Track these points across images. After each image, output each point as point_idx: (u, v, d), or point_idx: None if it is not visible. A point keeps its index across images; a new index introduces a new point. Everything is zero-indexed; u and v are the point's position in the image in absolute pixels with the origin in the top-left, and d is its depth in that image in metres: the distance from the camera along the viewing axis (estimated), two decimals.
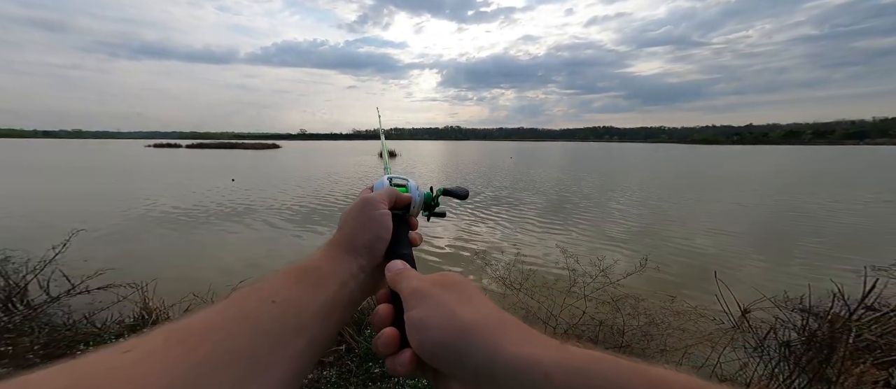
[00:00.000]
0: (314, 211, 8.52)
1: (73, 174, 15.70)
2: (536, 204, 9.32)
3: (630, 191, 11.76)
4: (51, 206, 8.38)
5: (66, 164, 20.50)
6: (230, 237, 6.32)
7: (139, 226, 6.82)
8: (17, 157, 24.18)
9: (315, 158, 30.58)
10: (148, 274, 3.45)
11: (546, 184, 13.56)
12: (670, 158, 35.19)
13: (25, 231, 6.05)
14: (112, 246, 5.47)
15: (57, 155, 29.13)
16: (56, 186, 11.84)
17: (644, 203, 9.61)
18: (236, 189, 11.79)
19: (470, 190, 0.50)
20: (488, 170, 19.50)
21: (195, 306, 2.83)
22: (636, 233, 6.62)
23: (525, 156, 36.68)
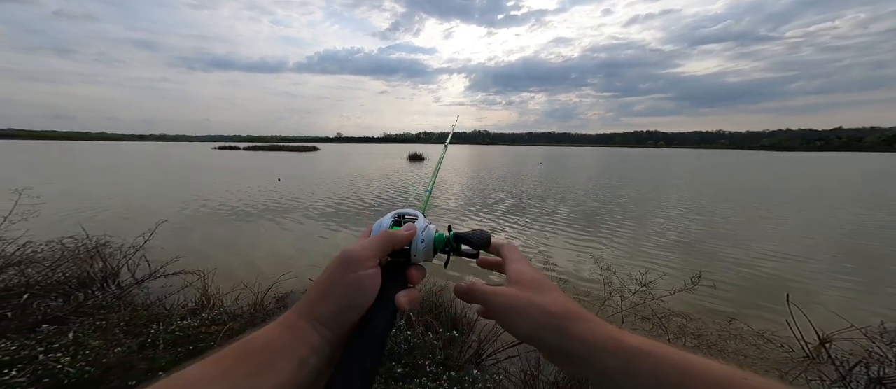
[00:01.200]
0: (348, 209, 8.97)
1: (158, 172, 18.41)
2: (567, 213, 8.77)
3: (678, 202, 10.54)
4: (137, 199, 9.86)
5: (152, 163, 24.18)
6: (276, 231, 6.87)
7: (204, 219, 7.72)
8: (118, 159, 29.03)
9: (350, 160, 32.33)
10: (208, 264, 3.88)
11: (578, 192, 12.72)
12: (729, 166, 30.67)
13: (118, 220, 7.16)
14: (181, 237, 6.23)
15: (147, 153, 34.69)
16: (143, 182, 13.96)
17: (696, 216, 8.54)
18: (282, 187, 12.85)
19: (487, 232, 0.39)
20: (513, 176, 18.95)
21: (243, 295, 3.09)
22: (684, 249, 5.91)
23: (555, 162, 34.61)
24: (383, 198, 10.88)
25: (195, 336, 2.06)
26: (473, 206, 9.60)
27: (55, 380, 1.38)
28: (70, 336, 1.80)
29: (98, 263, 3.43)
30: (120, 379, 1.50)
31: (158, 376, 1.00)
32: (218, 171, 19.53)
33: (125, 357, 1.67)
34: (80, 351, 1.62)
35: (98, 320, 2.11)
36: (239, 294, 3.09)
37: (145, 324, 2.14)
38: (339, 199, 10.50)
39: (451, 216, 8.39)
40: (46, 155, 35.08)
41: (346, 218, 7.97)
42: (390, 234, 0.34)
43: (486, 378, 1.97)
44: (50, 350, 1.59)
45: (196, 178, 16.04)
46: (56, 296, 2.63)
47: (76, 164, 22.96)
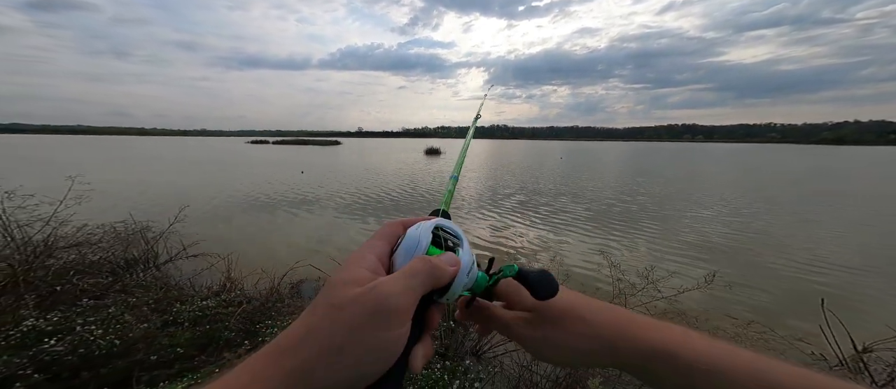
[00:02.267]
0: (366, 202, 9.19)
1: (198, 164, 19.90)
2: (584, 208, 8.41)
3: (709, 201, 9.67)
4: (176, 188, 10.70)
5: (194, 156, 26.20)
6: (297, 220, 7.19)
7: (235, 207, 8.23)
8: (166, 152, 31.70)
9: (369, 155, 33.04)
10: (234, 249, 4.12)
11: (597, 188, 12.12)
12: (780, 163, 27.07)
13: (160, 206, 7.82)
14: (214, 223, 6.68)
15: (190, 147, 37.92)
16: (183, 173, 15.15)
17: (727, 215, 7.84)
18: (305, 180, 13.40)
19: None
20: (529, 172, 18.38)
21: (262, 280, 3.24)
22: (704, 250, 5.46)
23: (578, 157, 32.79)
24: (399, 193, 11.00)
25: (213, 316, 2.18)
26: (481, 202, 9.44)
27: (88, 351, 1.52)
28: (111, 310, 1.98)
29: (141, 246, 3.76)
30: (144, 353, 1.62)
31: (177, 352, 1.02)
32: (251, 164, 20.72)
33: (149, 332, 1.81)
34: (112, 325, 1.77)
35: (132, 297, 2.31)
36: (258, 279, 3.25)
37: (171, 303, 2.31)
38: (357, 192, 10.77)
39: (457, 213, 8.31)
40: (109, 148, 39.09)
41: (364, 211, 8.16)
42: (435, 268, 0.23)
43: (479, 369, 1.94)
44: (87, 323, 1.75)
45: (232, 170, 17.14)
46: (106, 275, 2.92)
47: (137, 157, 25.35)
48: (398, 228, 0.27)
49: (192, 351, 1.72)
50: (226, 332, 1.98)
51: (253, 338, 1.90)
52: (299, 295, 3.29)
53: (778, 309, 3.41)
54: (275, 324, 2.02)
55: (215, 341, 1.90)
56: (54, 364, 1.40)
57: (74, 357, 1.46)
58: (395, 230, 0.27)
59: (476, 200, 9.65)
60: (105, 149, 39.61)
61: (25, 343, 1.51)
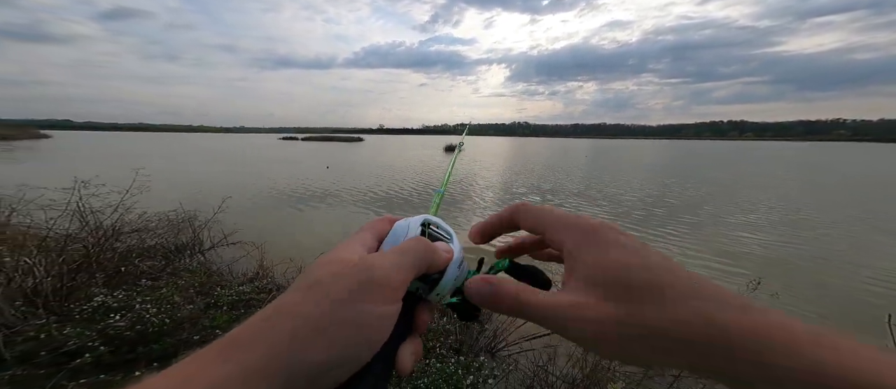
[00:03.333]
0: (386, 196, 9.42)
1: (238, 159, 21.49)
2: (611, 210, 7.98)
3: (753, 204, 8.74)
4: (219, 180, 11.62)
5: (232, 152, 28.36)
6: (322, 213, 7.54)
7: (267, 199, 8.80)
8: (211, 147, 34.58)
9: (390, 151, 33.72)
10: (266, 238, 4.40)
11: (628, 188, 11.35)
12: (852, 164, 22.85)
13: (206, 196, 8.53)
14: (249, 214, 7.18)
15: (230, 143, 41.34)
16: (224, 167, 16.42)
17: (779, 222, 7.01)
18: (330, 175, 13.98)
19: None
20: (549, 171, 17.70)
21: (289, 269, 3.43)
22: (757, 260, 4.92)
23: (605, 156, 30.28)
24: (416, 187, 11.13)
25: (248, 301, 2.34)
26: (488, 206, 9.24)
27: (144, 328, 1.70)
28: (163, 291, 2.20)
29: (188, 233, 4.13)
30: (188, 332, 1.78)
31: (216, 334, 1.09)
32: (284, 160, 21.98)
33: (194, 314, 1.98)
34: (164, 305, 1.96)
35: (181, 280, 2.55)
36: (287, 268, 3.45)
37: (213, 287, 2.51)
38: (378, 187, 11.06)
39: (461, 213, 8.21)
40: (163, 144, 43.38)
41: (384, 204, 8.37)
42: (429, 248, 0.22)
43: (493, 366, 1.92)
44: (144, 302, 1.96)
45: (265, 165, 18.31)
46: (160, 258, 3.24)
47: (186, 152, 27.92)
48: (386, 224, 0.25)
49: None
50: None
51: None
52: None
53: (832, 324, 3.02)
54: None
55: None
56: (116, 339, 1.57)
57: (132, 332, 1.64)
58: (383, 225, 0.25)
59: (482, 199, 9.50)
60: (160, 144, 43.96)
61: (95, 318, 1.71)
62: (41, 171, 12.41)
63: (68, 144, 34.92)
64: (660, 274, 0.17)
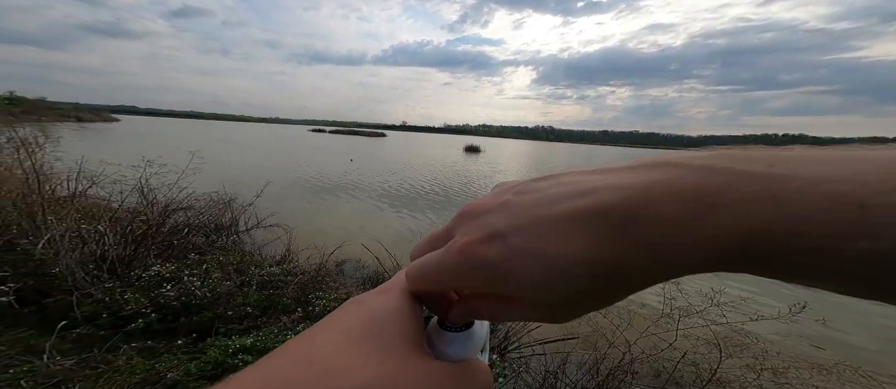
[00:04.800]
0: (406, 191, 9.57)
1: (273, 147, 22.91)
2: None
3: None
4: (254, 166, 12.44)
5: (269, 140, 30.27)
6: (344, 203, 7.82)
7: (295, 186, 9.29)
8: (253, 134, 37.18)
9: (411, 148, 34.18)
10: (293, 223, 4.64)
11: None
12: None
13: (242, 181, 9.17)
14: (278, 199, 7.60)
15: (267, 133, 44.49)
16: (262, 153, 17.57)
17: None
18: (354, 167, 14.46)
19: None
20: None
21: (313, 255, 3.58)
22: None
23: None
24: (435, 188, 11.18)
25: (276, 283, 2.48)
26: None
27: (189, 299, 1.85)
28: (205, 266, 2.39)
29: (228, 214, 4.46)
30: (224, 307, 1.91)
31: (247, 311, 1.15)
32: (312, 150, 23.09)
33: (230, 290, 2.12)
34: (206, 279, 2.13)
35: (221, 257, 2.76)
36: (310, 254, 3.61)
37: (247, 266, 2.69)
38: (400, 181, 11.27)
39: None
40: (212, 130, 47.22)
41: (404, 199, 8.51)
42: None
43: (504, 366, 1.87)
44: (191, 275, 2.13)
45: (297, 154, 19.34)
46: (205, 234, 3.53)
47: (231, 138, 30.26)
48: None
49: (257, 312, 1.97)
50: (284, 299, 2.22)
51: (305, 307, 2.10)
52: (343, 273, 3.56)
53: (882, 357, 2.60)
54: (324, 295, 2.20)
55: (275, 305, 2.15)
56: (165, 307, 1.73)
57: (179, 303, 1.79)
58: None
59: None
60: (208, 130, 47.85)
61: (150, 286, 1.90)
62: (112, 150, 14.01)
63: (134, 128, 39.13)
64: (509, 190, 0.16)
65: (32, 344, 1.30)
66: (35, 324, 1.52)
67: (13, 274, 1.74)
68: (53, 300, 1.69)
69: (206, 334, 1.65)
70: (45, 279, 1.80)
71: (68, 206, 2.49)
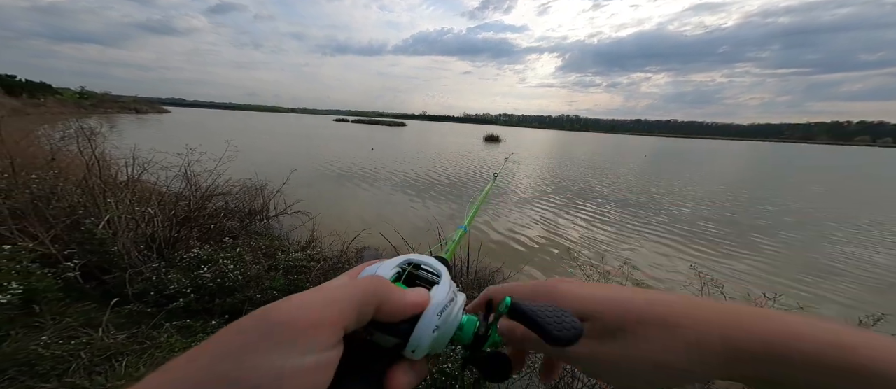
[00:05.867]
0: (424, 180, 9.59)
1: (299, 136, 23.96)
2: (678, 219, 6.87)
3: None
4: (283, 153, 13.07)
5: (296, 129, 31.69)
6: (365, 191, 8.00)
7: (318, 174, 9.66)
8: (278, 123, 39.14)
9: (431, 138, 34.10)
10: (316, 210, 4.82)
11: (703, 199, 9.11)
12: None
13: (272, 168, 9.69)
14: (304, 186, 7.94)
15: (295, 123, 46.78)
16: (290, 142, 18.43)
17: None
18: (373, 157, 14.71)
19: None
20: (596, 170, 15.85)
21: (335, 242, 3.69)
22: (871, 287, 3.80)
23: (674, 158, 23.81)
24: (455, 176, 11.07)
25: (300, 268, 2.57)
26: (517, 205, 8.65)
27: (223, 281, 1.97)
28: (238, 250, 2.54)
29: (259, 200, 4.72)
30: (253, 290, 2.01)
31: (274, 295, 1.18)
32: (336, 139, 23.84)
33: (260, 273, 2.24)
34: (238, 263, 2.26)
35: (252, 241, 2.93)
36: (332, 241, 3.72)
37: (274, 251, 2.82)
38: (418, 171, 11.31)
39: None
40: (247, 121, 50.35)
41: (420, 189, 8.53)
42: (382, 286, 0.18)
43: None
44: (225, 258, 2.28)
45: (321, 142, 20.08)
46: (240, 219, 3.77)
47: (263, 128, 32.11)
48: (364, 269, 0.23)
49: (283, 295, 2.05)
50: (307, 284, 2.30)
51: None
52: (362, 261, 3.64)
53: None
54: None
55: (299, 289, 2.23)
56: (202, 288, 1.85)
57: (214, 284, 1.91)
58: (360, 270, 0.23)
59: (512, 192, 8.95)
60: (244, 120, 51.01)
61: (190, 267, 2.04)
62: (163, 137, 15.39)
63: (182, 119, 42.83)
64: (622, 312, 0.20)
65: (92, 318, 1.44)
66: (97, 298, 1.69)
67: (79, 252, 1.95)
68: (111, 276, 1.88)
69: (238, 316, 1.74)
70: (105, 257, 2.00)
71: (125, 190, 2.74)
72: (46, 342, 1.11)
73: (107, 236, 2.08)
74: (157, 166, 3.91)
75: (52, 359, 1.07)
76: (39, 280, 1.44)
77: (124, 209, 2.31)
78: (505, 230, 5.56)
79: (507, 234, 5.35)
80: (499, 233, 5.42)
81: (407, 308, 0.18)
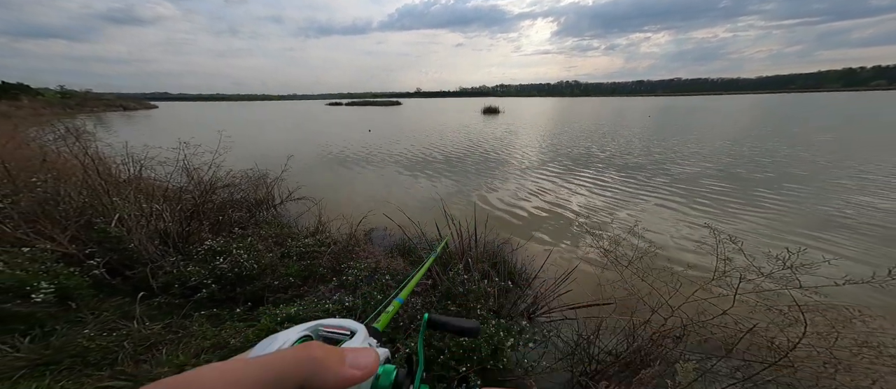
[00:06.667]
0: (424, 158, 9.49)
1: (295, 123, 23.30)
2: (687, 177, 6.76)
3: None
4: (281, 140, 12.85)
5: (290, 117, 30.71)
6: (368, 173, 7.97)
7: (319, 159, 9.56)
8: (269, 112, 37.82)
9: (430, 113, 33.01)
10: (322, 195, 4.86)
11: (707, 153, 9.03)
12: None
13: (271, 157, 9.59)
14: (307, 172, 7.92)
15: (288, 111, 45.09)
16: (287, 132, 17.99)
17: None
18: (370, 138, 14.41)
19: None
20: (600, 132, 15.37)
21: (343, 226, 3.77)
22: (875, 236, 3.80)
23: (680, 117, 23.14)
24: (448, 152, 10.91)
25: (311, 253, 2.66)
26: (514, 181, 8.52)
27: (240, 271, 2.06)
28: (249, 239, 2.61)
29: (263, 189, 4.73)
30: (270, 277, 2.10)
31: (290, 281, 1.24)
32: (332, 123, 23.16)
33: (273, 261, 2.32)
34: (251, 252, 2.34)
35: (261, 230, 2.99)
36: (340, 224, 3.79)
37: (285, 238, 2.90)
38: (416, 149, 11.15)
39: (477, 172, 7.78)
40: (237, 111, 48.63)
41: (420, 166, 8.48)
42: (310, 358, 0.16)
43: (534, 331, 1.89)
44: (239, 248, 2.35)
45: (317, 127, 19.56)
46: (247, 209, 3.82)
47: (252, 118, 31.12)
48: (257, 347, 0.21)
49: (299, 281, 2.15)
50: (320, 269, 2.39)
51: (339, 276, 2.25)
52: (371, 242, 3.74)
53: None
54: (356, 265, 2.33)
55: (313, 274, 2.33)
56: (222, 278, 1.93)
57: (232, 274, 1.99)
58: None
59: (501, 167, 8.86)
60: (233, 111, 49.27)
61: (206, 259, 2.12)
62: (157, 134, 15.06)
63: (171, 113, 41.43)
64: None
65: (127, 311, 1.53)
66: (128, 293, 1.79)
67: (99, 250, 2.01)
68: (134, 272, 1.96)
69: (259, 303, 1.85)
70: (125, 253, 2.07)
71: (128, 188, 2.76)
72: (90, 335, 1.20)
73: (121, 233, 2.14)
74: (153, 162, 3.88)
75: (100, 350, 1.16)
76: (68, 278, 1.51)
77: (132, 206, 2.34)
78: (507, 202, 5.60)
79: (510, 206, 5.41)
80: (503, 204, 5.47)
81: (337, 373, 0.16)
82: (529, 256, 3.13)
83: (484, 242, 2.87)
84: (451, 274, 2.42)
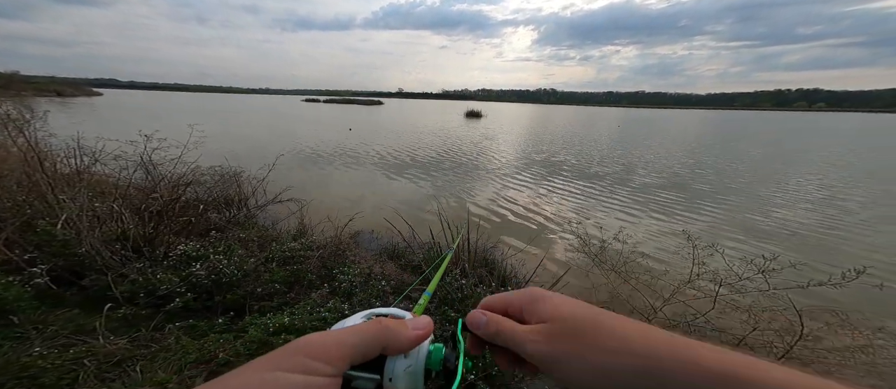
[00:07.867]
0: (405, 157, 9.39)
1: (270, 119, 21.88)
2: (652, 185, 7.40)
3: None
4: (257, 137, 12.02)
5: (263, 112, 28.79)
6: (351, 173, 7.73)
7: (300, 160, 9.08)
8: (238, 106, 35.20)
9: (412, 115, 32.81)
10: (304, 197, 4.59)
11: (668, 162, 10.28)
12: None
13: (240, 156, 8.92)
14: (287, 173, 7.47)
15: (259, 105, 42.11)
16: (260, 128, 16.85)
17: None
18: (352, 137, 14.01)
19: None
20: (579, 141, 16.46)
21: (327, 228, 3.60)
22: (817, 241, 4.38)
23: (642, 126, 26.71)
24: (436, 153, 10.94)
25: (297, 258, 2.51)
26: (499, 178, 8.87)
27: (219, 277, 1.88)
28: (227, 243, 2.40)
29: (235, 188, 4.37)
30: (252, 284, 1.95)
31: (275, 288, 1.16)
32: (309, 121, 22.12)
33: (256, 267, 2.15)
34: (231, 256, 2.15)
35: (240, 233, 2.76)
36: (324, 227, 3.62)
37: (268, 242, 2.70)
38: (398, 150, 11.02)
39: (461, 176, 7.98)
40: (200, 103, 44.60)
41: (403, 166, 8.39)
42: (386, 327, 0.22)
43: None
44: (217, 253, 2.15)
45: (296, 126, 18.58)
46: (219, 210, 3.50)
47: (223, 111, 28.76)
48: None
49: (285, 288, 2.02)
50: (308, 274, 2.27)
51: (331, 283, 2.15)
52: (358, 245, 3.62)
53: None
54: (349, 270, 2.24)
55: (300, 280, 2.20)
56: (198, 286, 1.75)
57: (209, 281, 1.82)
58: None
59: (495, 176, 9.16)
60: (197, 103, 45.19)
61: (179, 266, 1.91)
62: (104, 125, 13.35)
63: (118, 101, 36.93)
64: (582, 318, 0.24)
65: (82, 324, 1.33)
66: (77, 304, 1.55)
67: (41, 256, 1.73)
68: (89, 280, 1.71)
69: (242, 312, 1.70)
70: (73, 259, 1.80)
71: (77, 184, 2.41)
72: (40, 352, 1.03)
73: (69, 236, 1.86)
74: (108, 156, 3.43)
75: (56, 370, 1.00)
76: (6, 288, 1.28)
77: (82, 205, 2.05)
78: (488, 208, 5.72)
79: (493, 211, 5.53)
80: (485, 210, 5.58)
81: (409, 340, 0.22)
82: (520, 261, 3.22)
83: (476, 247, 2.92)
84: (447, 279, 2.42)
